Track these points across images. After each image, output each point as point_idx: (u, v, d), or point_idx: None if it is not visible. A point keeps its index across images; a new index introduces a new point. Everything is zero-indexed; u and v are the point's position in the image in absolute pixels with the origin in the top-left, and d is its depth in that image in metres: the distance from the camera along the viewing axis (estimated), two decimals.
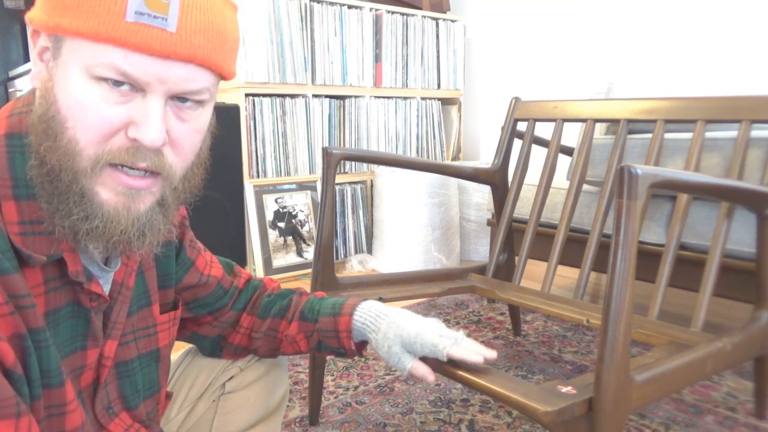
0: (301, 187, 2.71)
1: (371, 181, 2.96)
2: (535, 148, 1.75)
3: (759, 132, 1.40)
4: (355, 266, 2.79)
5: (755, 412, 1.38)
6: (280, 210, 2.63)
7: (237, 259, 2.45)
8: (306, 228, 2.71)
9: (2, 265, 0.51)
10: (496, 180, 1.71)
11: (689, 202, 1.31)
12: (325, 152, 1.35)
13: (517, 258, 1.61)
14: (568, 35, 2.93)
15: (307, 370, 1.48)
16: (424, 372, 0.79)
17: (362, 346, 0.85)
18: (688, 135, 1.52)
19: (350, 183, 2.90)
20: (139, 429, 0.70)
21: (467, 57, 3.42)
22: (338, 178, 2.84)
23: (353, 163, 2.93)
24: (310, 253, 2.70)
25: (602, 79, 2.77)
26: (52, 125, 0.54)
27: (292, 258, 2.65)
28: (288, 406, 1.44)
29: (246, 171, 2.52)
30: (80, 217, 0.55)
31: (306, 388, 1.56)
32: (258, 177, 2.58)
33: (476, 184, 2.84)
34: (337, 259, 2.86)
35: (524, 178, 1.66)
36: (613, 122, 1.58)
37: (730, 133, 1.45)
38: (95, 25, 0.51)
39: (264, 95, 2.58)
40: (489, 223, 2.09)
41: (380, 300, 1.30)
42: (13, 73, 3.87)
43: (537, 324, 2.07)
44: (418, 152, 3.16)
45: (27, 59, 3.88)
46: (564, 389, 0.81)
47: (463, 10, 3.41)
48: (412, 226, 2.72)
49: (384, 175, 2.80)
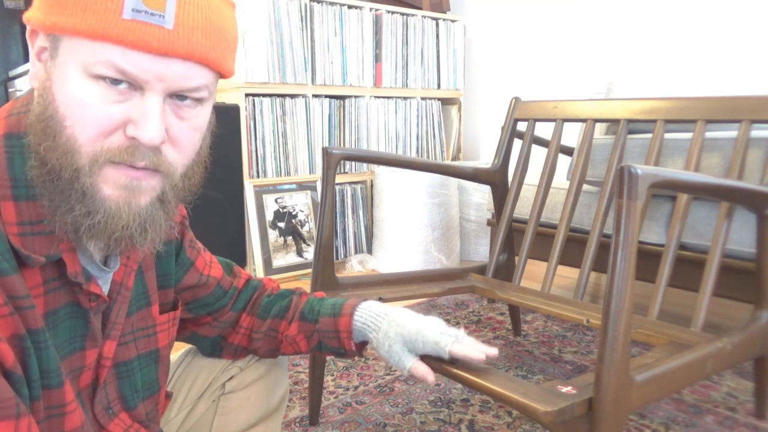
0: (301, 187, 2.71)
1: (371, 181, 2.96)
2: (535, 148, 1.75)
3: (759, 132, 1.40)
4: (355, 266, 2.79)
5: (755, 412, 1.38)
6: (280, 210, 2.63)
7: (237, 259, 2.45)
8: (306, 228, 2.71)
9: (1, 266, 0.51)
10: (496, 180, 1.71)
11: (689, 202, 1.31)
12: (325, 152, 1.35)
13: (517, 258, 1.61)
14: (568, 35, 2.93)
15: (307, 370, 1.48)
16: (424, 372, 0.79)
17: (362, 347, 0.85)
18: (688, 135, 1.52)
19: (350, 183, 2.90)
20: (138, 429, 0.69)
21: (467, 57, 3.42)
22: (338, 178, 2.84)
23: (353, 163, 2.93)
24: (310, 253, 2.70)
25: (602, 79, 2.77)
26: (51, 124, 0.54)
27: (292, 258, 2.65)
28: (288, 406, 1.44)
29: (246, 171, 2.52)
30: (82, 212, 0.54)
31: (306, 388, 1.56)
32: (258, 177, 2.58)
33: (476, 184, 2.84)
34: (337, 259, 2.86)
35: (524, 178, 1.66)
36: (613, 122, 1.58)
37: (730, 133, 1.45)
38: (92, 23, 0.51)
39: (264, 95, 2.58)
40: (489, 223, 2.09)
41: (380, 300, 1.30)
42: (13, 73, 3.87)
43: (537, 324, 2.07)
44: (418, 152, 3.16)
45: (27, 59, 3.87)
46: (564, 389, 0.81)
47: (463, 10, 3.41)
48: (412, 226, 2.72)
49: (384, 175, 2.80)
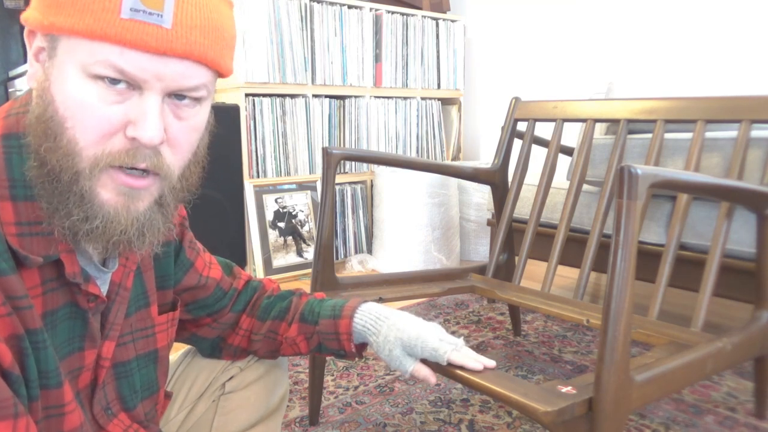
0: (301, 187, 2.71)
1: (371, 181, 2.96)
2: (535, 148, 1.75)
3: (759, 132, 1.40)
4: (355, 266, 2.79)
5: (755, 412, 1.38)
6: (280, 210, 2.63)
7: (237, 259, 2.45)
8: (306, 228, 2.71)
9: None
10: (496, 180, 1.71)
11: (689, 202, 1.31)
12: (325, 152, 1.35)
13: (517, 258, 1.61)
14: (568, 35, 2.93)
15: (307, 370, 1.48)
16: (426, 374, 0.79)
17: (363, 348, 0.85)
18: (688, 135, 1.52)
19: (350, 183, 2.90)
20: (137, 429, 0.69)
21: (467, 57, 3.42)
22: (338, 178, 2.84)
23: (353, 163, 2.93)
24: (310, 253, 2.70)
25: (602, 79, 2.77)
26: (51, 125, 0.53)
27: (292, 258, 2.65)
28: (288, 406, 1.43)
29: (246, 171, 2.52)
30: (80, 217, 0.54)
31: (306, 388, 1.56)
32: (258, 177, 2.58)
33: (476, 184, 2.84)
34: (337, 259, 2.86)
35: (524, 178, 1.66)
36: (613, 122, 1.58)
37: (730, 133, 1.45)
38: (90, 22, 0.51)
39: (264, 95, 2.58)
40: (489, 223, 2.09)
41: (380, 300, 1.30)
42: (13, 73, 3.87)
43: (537, 324, 2.07)
44: (418, 152, 3.16)
45: (27, 59, 3.88)
46: (564, 389, 0.81)
47: (463, 10, 3.41)
48: (412, 226, 2.72)
49: (384, 175, 2.80)
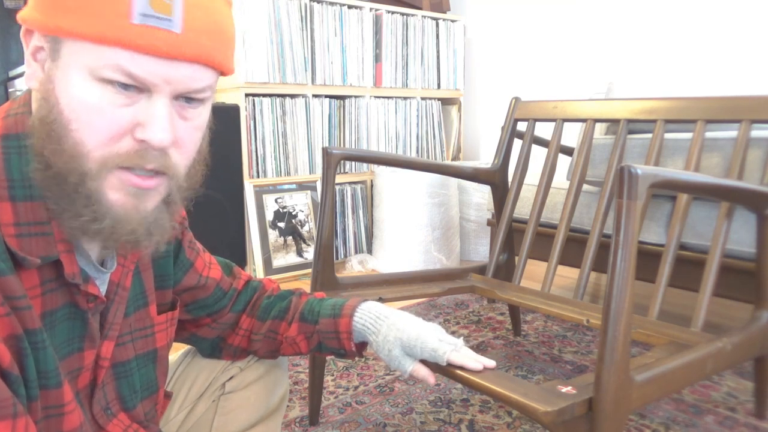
0: (301, 187, 2.71)
1: (371, 181, 2.96)
2: (535, 148, 1.75)
3: (759, 132, 1.40)
4: (355, 266, 2.79)
5: (755, 412, 1.38)
6: (280, 210, 2.63)
7: (237, 259, 2.45)
8: (306, 228, 2.71)
9: None
10: (496, 180, 1.71)
11: (689, 202, 1.30)
12: (325, 152, 1.35)
13: (517, 258, 1.61)
14: (568, 35, 2.93)
15: (307, 370, 1.48)
16: (425, 374, 0.79)
17: (363, 347, 0.85)
18: (688, 135, 1.52)
19: (350, 183, 2.90)
20: (137, 429, 0.69)
21: (467, 57, 3.42)
22: (338, 178, 2.84)
23: (353, 163, 2.93)
24: (310, 253, 2.70)
25: (602, 79, 2.77)
26: (56, 128, 0.53)
27: (292, 258, 2.65)
28: (288, 406, 1.43)
29: (246, 171, 2.52)
30: (90, 218, 0.55)
31: (306, 388, 1.56)
32: (258, 177, 2.58)
33: (476, 184, 2.84)
34: (337, 259, 2.86)
35: (524, 178, 1.66)
36: (613, 122, 1.58)
37: (730, 133, 1.45)
38: (101, 27, 0.51)
39: (264, 95, 2.58)
40: (489, 223, 2.08)
41: (380, 300, 1.30)
42: (13, 73, 3.87)
43: (537, 324, 2.07)
44: (418, 152, 3.16)
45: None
46: (564, 389, 0.81)
47: (463, 10, 3.41)
48: (412, 226, 2.72)
49: (384, 175, 2.80)
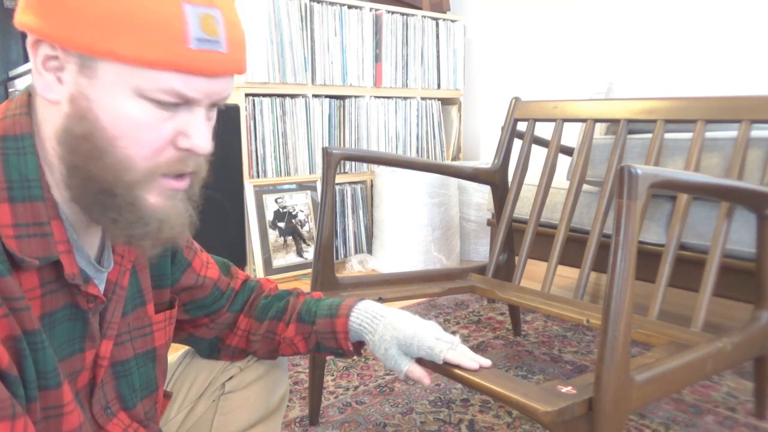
0: (301, 187, 2.71)
1: (371, 181, 2.96)
2: (535, 148, 1.75)
3: (759, 132, 1.40)
4: (355, 266, 2.79)
5: (755, 412, 1.38)
6: (280, 210, 2.63)
7: (237, 259, 2.45)
8: (306, 228, 2.71)
9: None
10: (496, 180, 1.71)
11: (689, 202, 1.30)
12: (325, 152, 1.35)
13: (517, 258, 1.61)
14: (568, 35, 2.93)
15: (307, 370, 1.48)
16: (420, 375, 0.79)
17: (360, 346, 0.85)
18: (688, 135, 1.52)
19: (350, 183, 2.90)
20: (137, 429, 0.69)
21: (467, 57, 3.42)
22: (338, 178, 2.84)
23: (353, 163, 2.93)
24: (310, 253, 2.70)
25: (602, 79, 2.77)
26: (99, 144, 0.55)
27: (292, 258, 2.65)
28: (288, 406, 1.43)
29: (246, 171, 2.52)
30: (139, 224, 0.58)
31: (306, 388, 1.56)
32: (258, 177, 2.58)
33: (476, 184, 2.84)
34: (337, 259, 2.86)
35: (524, 178, 1.66)
36: (613, 122, 1.58)
37: (730, 133, 1.45)
38: (158, 53, 0.52)
39: (264, 95, 2.58)
40: (489, 223, 2.08)
41: (380, 300, 1.30)
42: (13, 73, 3.87)
43: (537, 324, 2.07)
44: (418, 152, 3.16)
45: (27, 59, 3.87)
46: (564, 389, 0.81)
47: (463, 10, 3.41)
48: (412, 226, 2.72)
49: (384, 175, 2.80)
